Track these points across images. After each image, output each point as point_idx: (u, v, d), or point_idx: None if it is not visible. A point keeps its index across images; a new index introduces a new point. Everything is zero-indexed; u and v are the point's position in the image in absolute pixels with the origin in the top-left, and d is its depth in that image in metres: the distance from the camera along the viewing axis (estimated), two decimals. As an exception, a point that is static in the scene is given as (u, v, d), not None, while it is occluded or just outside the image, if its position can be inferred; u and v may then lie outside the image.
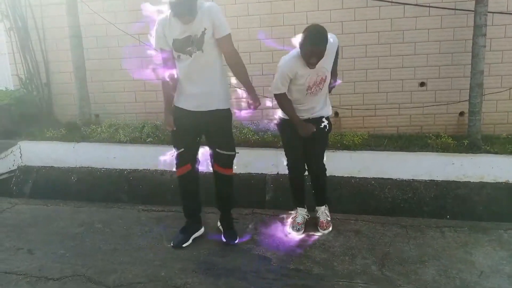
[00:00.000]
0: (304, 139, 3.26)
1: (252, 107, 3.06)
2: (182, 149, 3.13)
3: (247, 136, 4.58)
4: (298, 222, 3.39)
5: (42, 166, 4.92)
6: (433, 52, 5.01)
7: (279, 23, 5.17)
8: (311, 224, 3.45)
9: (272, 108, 5.04)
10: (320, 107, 3.30)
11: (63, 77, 5.83)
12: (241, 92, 5.00)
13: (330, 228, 3.39)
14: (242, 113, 4.17)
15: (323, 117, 3.32)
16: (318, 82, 3.14)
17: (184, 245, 3.18)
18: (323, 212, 3.47)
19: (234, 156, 3.20)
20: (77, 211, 3.79)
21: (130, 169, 4.69)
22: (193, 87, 2.99)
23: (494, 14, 4.75)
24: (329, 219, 3.46)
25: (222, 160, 3.15)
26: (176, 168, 3.20)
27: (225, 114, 3.13)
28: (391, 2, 4.91)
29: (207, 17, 2.84)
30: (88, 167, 4.81)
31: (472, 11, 4.49)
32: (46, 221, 3.59)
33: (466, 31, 4.76)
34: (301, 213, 3.47)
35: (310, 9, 5.09)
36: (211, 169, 3.25)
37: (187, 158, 3.16)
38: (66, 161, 4.87)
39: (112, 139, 4.87)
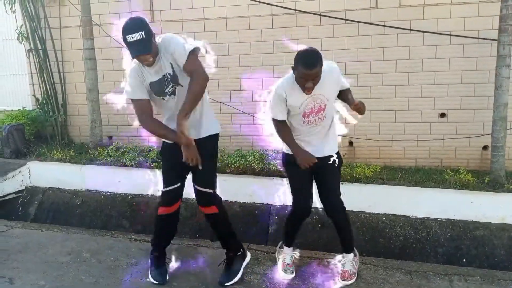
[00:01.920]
0: (315, 177, 3.04)
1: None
2: (179, 184, 2.95)
3: (252, 164, 4.42)
4: (288, 264, 3.15)
5: (48, 187, 4.91)
6: (454, 82, 4.75)
7: (294, 50, 5.04)
8: (318, 269, 3.19)
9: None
10: (324, 144, 3.02)
11: (78, 99, 5.90)
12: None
13: (352, 281, 3.03)
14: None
15: (330, 155, 3.04)
16: (316, 111, 2.89)
17: (167, 279, 3.03)
18: (349, 261, 3.11)
19: (211, 194, 2.95)
20: (69, 238, 3.71)
21: (133, 194, 4.61)
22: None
23: (521, 44, 4.47)
24: (354, 271, 3.09)
25: (200, 197, 2.95)
26: (164, 205, 3.00)
27: (211, 142, 2.95)
28: (410, 30, 4.71)
29: (164, 50, 2.70)
30: (93, 190, 4.77)
31: (496, 40, 4.24)
32: (36, 247, 3.51)
33: (490, 61, 4.48)
34: (289, 253, 3.23)
35: (324, 36, 4.95)
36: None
37: (180, 194, 3.00)
38: (72, 183, 4.85)
39: (118, 162, 4.82)
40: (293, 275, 3.10)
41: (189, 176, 3.02)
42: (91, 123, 5.41)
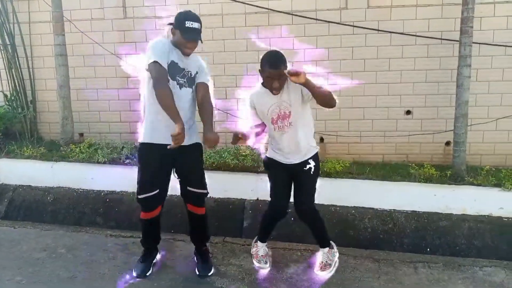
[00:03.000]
0: (294, 180, 3.16)
1: (208, 145, 2.91)
2: (158, 191, 2.99)
3: (227, 160, 4.50)
4: (262, 255, 3.28)
5: (19, 185, 4.82)
6: (419, 81, 4.97)
7: (264, 48, 5.15)
8: (292, 260, 3.30)
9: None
10: (294, 152, 3.11)
11: (48, 95, 5.81)
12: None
13: (327, 272, 3.18)
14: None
15: (306, 160, 3.15)
16: (282, 116, 3.03)
17: (147, 274, 3.09)
18: (325, 254, 3.28)
19: (206, 194, 3.15)
20: (43, 234, 3.70)
21: (107, 191, 4.60)
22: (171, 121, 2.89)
23: (482, 45, 4.73)
24: (329, 262, 3.25)
25: (193, 199, 3.10)
26: (145, 211, 3.07)
27: (200, 148, 3.15)
28: (378, 30, 4.89)
29: (197, 62, 3.10)
30: (65, 187, 4.72)
31: (458, 41, 4.46)
32: (10, 244, 3.49)
33: (452, 61, 4.71)
34: (262, 246, 3.37)
35: (296, 35, 5.07)
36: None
37: (160, 199, 3.06)
38: (43, 181, 4.79)
39: (91, 159, 4.80)
40: (267, 265, 3.22)
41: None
42: (62, 120, 5.34)
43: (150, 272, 3.12)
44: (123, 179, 4.58)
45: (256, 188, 4.32)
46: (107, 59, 5.53)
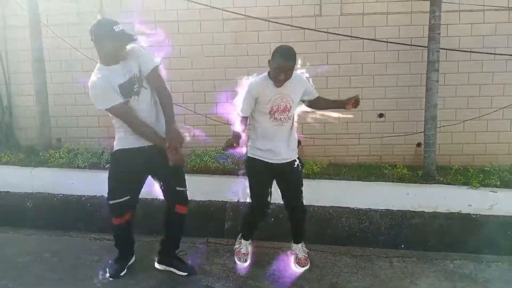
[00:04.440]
0: (278, 180, 3.26)
1: (170, 148, 2.83)
2: (128, 197, 3.05)
3: (208, 163, 4.59)
4: (243, 253, 3.41)
5: (-3, 191, 4.78)
6: (391, 85, 5.19)
7: (243, 53, 5.28)
8: (273, 257, 3.41)
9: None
10: (287, 149, 3.23)
11: (25, 100, 5.75)
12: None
13: (308, 265, 3.33)
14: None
15: (294, 160, 3.31)
16: (282, 109, 3.10)
17: (121, 274, 3.16)
18: (301, 249, 3.42)
19: (186, 192, 3.22)
20: (27, 239, 3.71)
21: (88, 196, 4.61)
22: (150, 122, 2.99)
23: (449, 51, 4.98)
24: (307, 256, 3.40)
25: (182, 199, 3.14)
26: (116, 216, 3.10)
27: None
28: (351, 36, 5.08)
29: (132, 53, 2.96)
30: (45, 192, 4.71)
31: (426, 47, 4.69)
32: (-8, 249, 3.49)
33: (421, 66, 4.94)
34: (245, 244, 3.49)
35: (273, 41, 5.20)
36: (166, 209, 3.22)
37: (131, 205, 3.11)
38: (22, 187, 4.75)
39: (71, 164, 4.80)
40: (247, 263, 3.37)
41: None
42: (40, 125, 5.31)
43: (124, 272, 3.18)
44: (103, 183, 4.58)
45: (237, 190, 4.42)
46: (84, 64, 5.53)
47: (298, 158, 3.34)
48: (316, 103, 3.40)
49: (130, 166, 2.99)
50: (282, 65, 2.92)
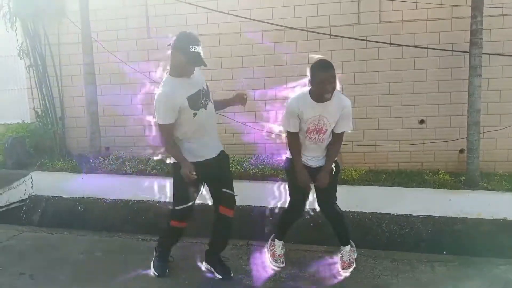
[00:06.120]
0: (315, 184, 3.31)
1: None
2: (192, 203, 3.20)
3: (247, 169, 4.72)
4: (279, 255, 3.48)
5: (51, 196, 5.09)
6: (431, 91, 5.15)
7: (281, 63, 5.41)
8: (313, 260, 3.48)
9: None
10: (323, 156, 3.33)
11: (76, 112, 6.12)
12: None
13: (351, 269, 3.35)
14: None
15: None
16: (317, 130, 3.17)
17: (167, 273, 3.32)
18: (347, 252, 3.44)
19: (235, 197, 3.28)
20: (80, 240, 3.95)
21: (134, 200, 4.84)
22: (208, 136, 3.16)
23: (492, 55, 4.90)
24: (352, 260, 3.42)
25: (228, 201, 3.20)
26: (178, 220, 3.25)
27: (226, 154, 3.33)
28: (390, 44, 5.10)
29: (199, 72, 3.15)
30: (95, 197, 4.98)
31: (467, 52, 4.65)
32: (50, 248, 3.74)
33: (463, 71, 4.89)
34: (279, 245, 3.54)
35: (311, 50, 5.31)
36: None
37: (191, 212, 3.25)
38: (74, 192, 5.05)
39: (119, 171, 5.06)
40: (283, 264, 3.43)
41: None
42: (90, 134, 5.63)
43: (168, 269, 3.34)
44: (149, 188, 4.83)
45: (277, 196, 4.51)
46: (131, 77, 5.84)
47: (334, 162, 3.37)
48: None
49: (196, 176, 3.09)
50: (325, 76, 2.96)
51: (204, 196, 3.51)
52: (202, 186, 3.29)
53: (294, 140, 3.25)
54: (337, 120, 3.19)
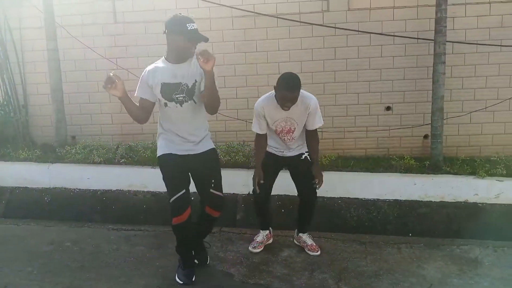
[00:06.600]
0: (291, 172, 3.49)
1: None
2: (184, 191, 3.00)
3: (219, 156, 4.71)
4: (257, 241, 3.55)
5: (16, 187, 4.95)
6: (397, 78, 5.27)
7: (252, 50, 5.40)
8: (285, 245, 3.53)
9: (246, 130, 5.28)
10: (296, 146, 3.50)
11: (40, 99, 5.92)
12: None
13: (319, 252, 3.47)
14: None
15: (301, 153, 3.51)
16: (286, 131, 3.35)
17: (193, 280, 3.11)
18: (308, 238, 3.59)
19: (223, 198, 3.18)
20: (48, 230, 3.87)
21: (103, 190, 4.76)
22: (177, 137, 3.02)
23: (455, 43, 5.05)
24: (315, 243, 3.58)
25: (215, 202, 3.12)
26: (176, 215, 2.98)
27: (215, 154, 3.21)
28: (358, 31, 5.18)
29: (199, 69, 2.92)
30: (61, 187, 4.87)
31: (432, 40, 4.77)
32: (16, 239, 3.65)
33: (428, 59, 5.02)
34: (261, 234, 3.65)
35: (281, 37, 5.32)
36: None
37: (187, 200, 3.03)
38: (40, 182, 4.92)
39: (86, 160, 4.96)
40: (259, 250, 3.51)
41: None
42: (56, 123, 5.48)
43: (194, 276, 3.11)
44: (118, 178, 4.76)
45: (248, 183, 4.53)
46: (98, 63, 5.69)
47: (307, 151, 3.53)
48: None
49: (176, 165, 3.03)
50: (287, 96, 3.09)
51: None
52: (189, 176, 3.13)
53: (258, 141, 3.43)
54: (305, 119, 3.32)
